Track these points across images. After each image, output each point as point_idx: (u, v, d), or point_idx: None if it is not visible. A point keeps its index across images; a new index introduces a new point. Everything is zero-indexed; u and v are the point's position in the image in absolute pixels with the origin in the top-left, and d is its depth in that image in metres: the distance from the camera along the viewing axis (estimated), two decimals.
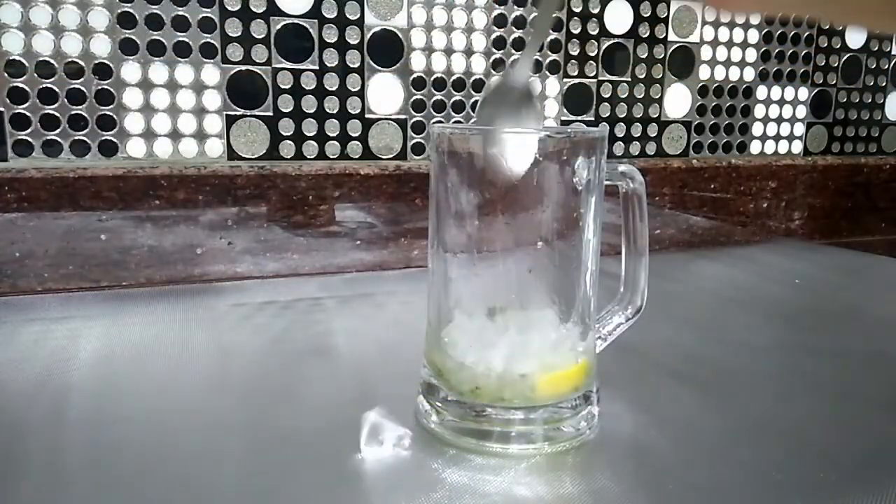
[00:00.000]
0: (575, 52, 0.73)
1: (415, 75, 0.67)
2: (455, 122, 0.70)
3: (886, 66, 0.90)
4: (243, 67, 0.62)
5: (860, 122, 0.90)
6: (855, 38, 0.87)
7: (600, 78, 0.75)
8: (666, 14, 0.76)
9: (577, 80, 0.74)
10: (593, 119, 0.75)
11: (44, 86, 0.57)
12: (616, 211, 0.36)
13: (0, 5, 0.55)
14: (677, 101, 0.79)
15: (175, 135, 0.61)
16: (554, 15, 0.68)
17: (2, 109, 0.56)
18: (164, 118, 0.60)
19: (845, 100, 0.89)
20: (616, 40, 0.75)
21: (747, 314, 0.56)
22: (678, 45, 0.78)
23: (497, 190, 0.32)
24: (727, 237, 0.81)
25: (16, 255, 0.56)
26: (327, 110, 0.65)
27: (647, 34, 0.76)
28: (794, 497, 0.30)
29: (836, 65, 0.87)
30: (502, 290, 0.34)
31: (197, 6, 0.60)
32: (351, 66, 0.65)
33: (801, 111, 0.86)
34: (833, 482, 0.31)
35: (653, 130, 0.79)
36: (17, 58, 0.56)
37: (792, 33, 0.83)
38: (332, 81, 0.65)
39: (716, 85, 0.81)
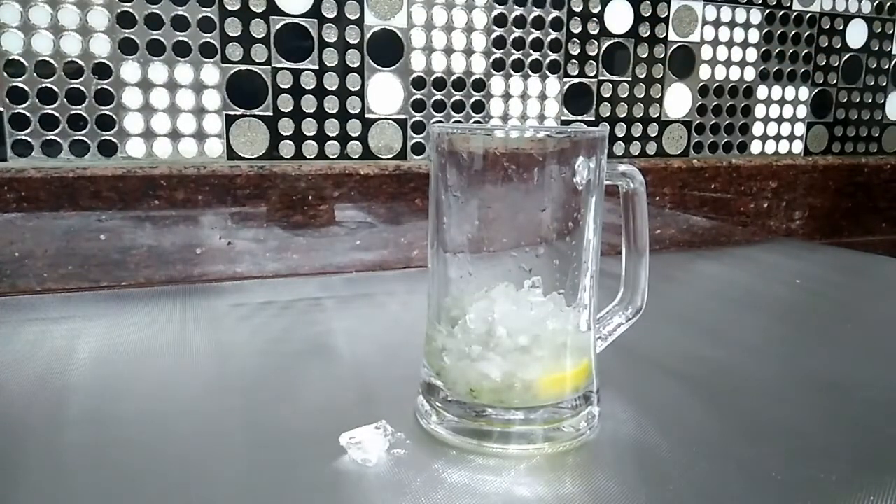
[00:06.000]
0: (575, 51, 0.73)
1: (415, 75, 0.67)
2: (455, 122, 0.69)
3: (887, 66, 0.90)
4: (243, 67, 0.62)
5: (861, 122, 0.90)
6: (855, 38, 0.87)
7: (600, 78, 0.75)
8: (666, 14, 0.76)
9: (577, 80, 0.74)
10: (593, 119, 0.75)
11: (43, 85, 0.57)
12: (616, 211, 0.36)
13: (0, 5, 0.55)
14: (678, 100, 0.79)
15: (174, 135, 0.61)
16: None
17: (1, 109, 0.56)
18: (164, 118, 0.60)
19: (846, 99, 0.89)
20: (616, 40, 0.75)
21: (747, 314, 0.56)
22: (678, 44, 0.78)
23: (497, 190, 0.32)
24: (728, 237, 0.81)
25: (15, 255, 0.56)
26: (327, 110, 0.65)
27: (648, 34, 0.76)
28: (794, 497, 0.30)
29: (836, 64, 0.87)
30: (502, 290, 0.33)
31: (196, 6, 0.60)
32: (351, 65, 0.65)
33: (802, 111, 0.86)
34: (833, 482, 0.31)
35: (653, 130, 0.79)
36: (17, 58, 0.56)
37: (792, 33, 0.83)
38: (331, 81, 0.65)
39: (716, 85, 0.81)
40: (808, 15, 0.84)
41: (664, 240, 0.77)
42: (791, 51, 0.84)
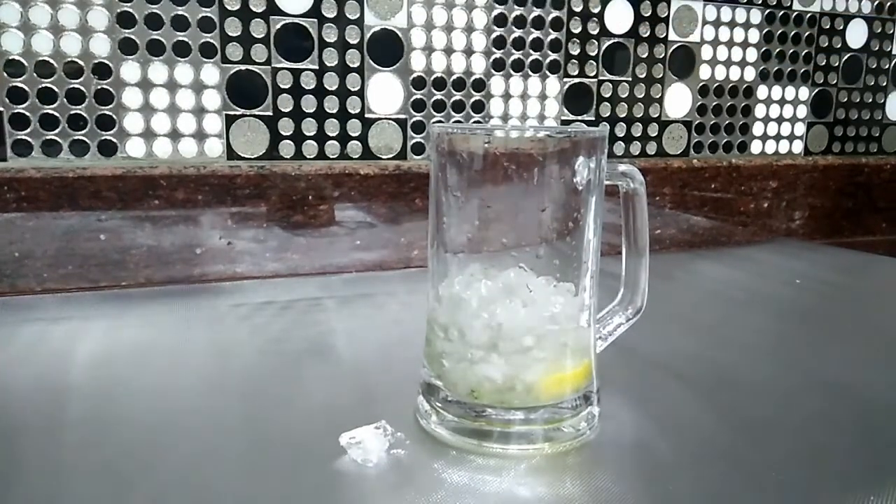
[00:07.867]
0: (575, 51, 0.73)
1: (415, 75, 0.67)
2: (455, 121, 0.69)
3: (887, 66, 0.90)
4: (243, 67, 0.62)
5: (861, 122, 0.90)
6: (855, 38, 0.87)
7: (601, 78, 0.75)
8: (666, 13, 0.76)
9: (577, 80, 0.74)
10: (594, 119, 0.75)
11: (43, 85, 0.57)
12: (616, 211, 0.36)
13: (0, 5, 0.55)
14: (678, 100, 0.79)
15: (174, 134, 0.61)
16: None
17: (1, 109, 0.56)
18: (164, 118, 0.60)
19: (846, 99, 0.89)
20: (616, 40, 0.75)
21: (747, 314, 0.56)
22: (679, 44, 0.78)
23: (497, 190, 0.32)
24: (728, 237, 0.81)
25: (15, 256, 0.56)
26: (327, 110, 0.65)
27: (648, 34, 0.76)
28: (795, 497, 0.30)
29: (836, 64, 0.87)
30: (502, 291, 0.33)
31: (196, 6, 0.60)
32: (351, 65, 0.65)
33: (802, 111, 0.86)
34: (833, 482, 0.31)
35: (653, 130, 0.79)
36: (17, 57, 0.56)
37: (793, 33, 0.83)
38: (331, 81, 0.65)
39: (716, 84, 0.81)
40: (808, 15, 0.84)
41: (664, 240, 0.77)
42: (791, 51, 0.84)
